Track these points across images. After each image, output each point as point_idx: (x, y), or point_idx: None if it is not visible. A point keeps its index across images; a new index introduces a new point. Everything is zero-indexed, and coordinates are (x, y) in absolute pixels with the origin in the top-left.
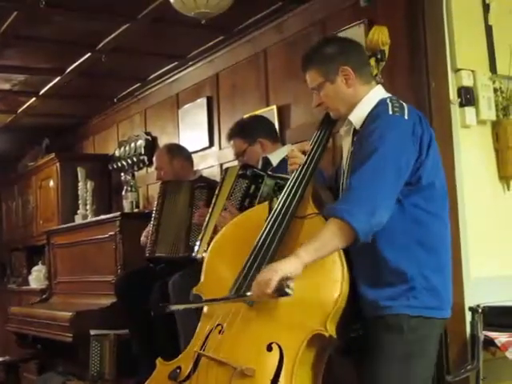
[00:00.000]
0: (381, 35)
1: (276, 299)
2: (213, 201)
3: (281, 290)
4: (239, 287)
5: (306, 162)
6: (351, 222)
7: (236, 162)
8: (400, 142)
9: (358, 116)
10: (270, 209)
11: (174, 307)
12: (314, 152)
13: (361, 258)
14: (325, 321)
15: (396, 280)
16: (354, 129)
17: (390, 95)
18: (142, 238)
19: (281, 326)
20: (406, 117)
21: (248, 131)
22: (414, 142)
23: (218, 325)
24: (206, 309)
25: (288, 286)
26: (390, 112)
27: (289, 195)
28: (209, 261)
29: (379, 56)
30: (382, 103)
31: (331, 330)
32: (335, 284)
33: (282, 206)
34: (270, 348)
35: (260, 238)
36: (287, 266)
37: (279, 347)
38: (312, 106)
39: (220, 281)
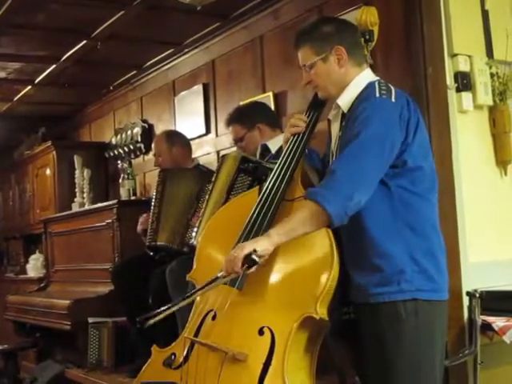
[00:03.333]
0: (369, 15)
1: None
2: (209, 187)
3: (248, 261)
4: None
5: (293, 144)
6: (325, 206)
7: (234, 149)
8: (385, 125)
9: (346, 99)
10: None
11: (155, 318)
12: (303, 134)
13: (350, 241)
14: (315, 303)
15: (385, 264)
16: (343, 113)
17: (378, 78)
18: (139, 227)
19: (272, 309)
20: (394, 100)
21: (247, 117)
22: (401, 126)
23: (210, 310)
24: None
25: (255, 254)
26: (377, 95)
27: (277, 178)
28: (201, 247)
29: (368, 36)
30: (369, 86)
31: (321, 313)
32: (325, 266)
33: (271, 189)
34: (261, 332)
35: (248, 222)
36: (255, 244)
37: (271, 331)
38: (301, 84)
39: (212, 267)
